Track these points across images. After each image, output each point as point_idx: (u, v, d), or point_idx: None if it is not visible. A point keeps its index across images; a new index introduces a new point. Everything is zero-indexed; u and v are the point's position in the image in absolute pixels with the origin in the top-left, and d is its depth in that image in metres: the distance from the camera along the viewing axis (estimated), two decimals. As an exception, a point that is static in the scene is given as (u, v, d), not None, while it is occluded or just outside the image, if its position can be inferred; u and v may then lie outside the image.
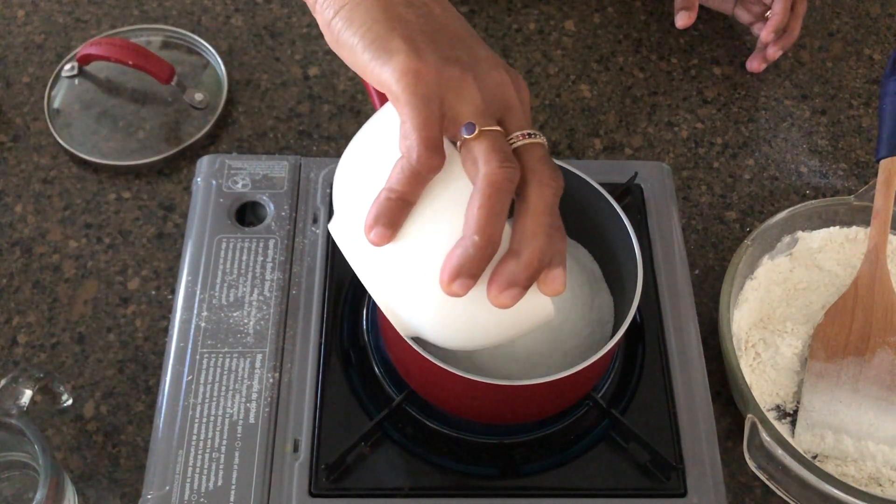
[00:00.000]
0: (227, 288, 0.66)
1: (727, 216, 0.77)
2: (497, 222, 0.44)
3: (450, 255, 0.44)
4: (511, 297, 0.44)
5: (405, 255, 0.45)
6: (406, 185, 0.44)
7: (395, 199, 0.44)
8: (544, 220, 0.45)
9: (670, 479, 0.60)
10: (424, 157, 0.44)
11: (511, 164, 0.44)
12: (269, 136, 0.79)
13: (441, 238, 0.44)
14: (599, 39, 0.88)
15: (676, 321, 0.66)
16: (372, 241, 0.45)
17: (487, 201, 0.43)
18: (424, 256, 0.45)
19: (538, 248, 0.44)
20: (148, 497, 0.57)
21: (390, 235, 0.44)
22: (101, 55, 0.78)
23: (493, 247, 0.44)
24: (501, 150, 0.44)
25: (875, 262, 0.69)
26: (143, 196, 0.75)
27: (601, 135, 0.81)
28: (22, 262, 0.71)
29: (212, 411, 0.60)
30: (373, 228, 0.44)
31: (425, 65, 0.45)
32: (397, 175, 0.44)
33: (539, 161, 0.46)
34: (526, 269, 0.44)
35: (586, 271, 0.65)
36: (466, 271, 0.43)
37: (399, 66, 0.45)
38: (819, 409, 0.65)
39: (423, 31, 0.46)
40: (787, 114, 0.84)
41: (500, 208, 0.44)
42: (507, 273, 0.44)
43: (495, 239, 0.44)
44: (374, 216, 0.44)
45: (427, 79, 0.44)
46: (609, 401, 0.63)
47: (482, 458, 0.61)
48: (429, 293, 0.45)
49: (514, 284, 0.44)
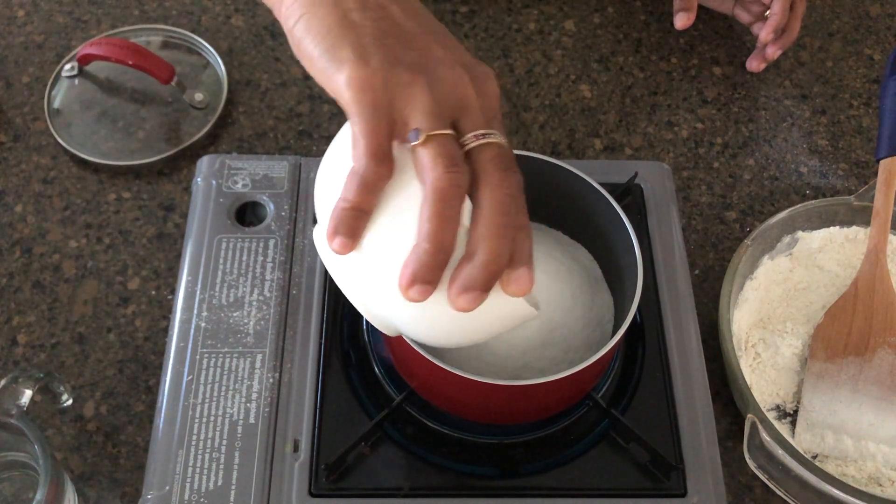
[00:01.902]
0: (227, 288, 0.66)
1: (727, 216, 0.77)
2: (446, 228, 0.43)
3: (405, 263, 0.44)
4: (469, 301, 0.44)
5: (373, 262, 0.46)
6: (357, 194, 0.44)
7: (350, 208, 0.44)
8: (497, 220, 0.44)
9: (670, 479, 0.60)
10: (370, 168, 0.44)
11: (456, 168, 0.44)
12: (269, 136, 0.79)
13: (402, 244, 0.44)
14: (599, 39, 0.88)
15: (676, 321, 0.66)
16: (335, 251, 0.45)
17: (433, 208, 0.43)
18: (389, 262, 0.45)
19: (491, 249, 0.44)
20: (148, 497, 0.57)
21: (351, 245, 0.45)
22: (101, 55, 0.78)
23: (445, 252, 0.44)
24: (447, 154, 0.44)
25: (875, 262, 0.69)
26: (143, 196, 0.75)
27: (601, 135, 0.81)
28: (22, 262, 0.71)
29: (212, 411, 0.60)
30: (333, 238, 0.44)
31: (372, 72, 0.44)
32: (349, 185, 0.44)
33: (490, 162, 0.45)
34: (481, 272, 0.44)
35: (586, 271, 0.65)
36: (421, 278, 0.43)
37: (347, 75, 0.45)
38: (819, 409, 0.65)
39: (374, 37, 0.46)
40: (787, 114, 0.84)
41: (448, 214, 0.43)
42: (463, 277, 0.44)
43: (446, 245, 0.44)
44: (333, 227, 0.45)
45: (374, 86, 0.44)
46: (609, 401, 0.63)
47: (482, 458, 0.61)
48: (398, 302, 0.46)
49: (470, 288, 0.44)
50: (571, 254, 0.66)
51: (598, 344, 0.62)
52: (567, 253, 0.66)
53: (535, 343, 0.60)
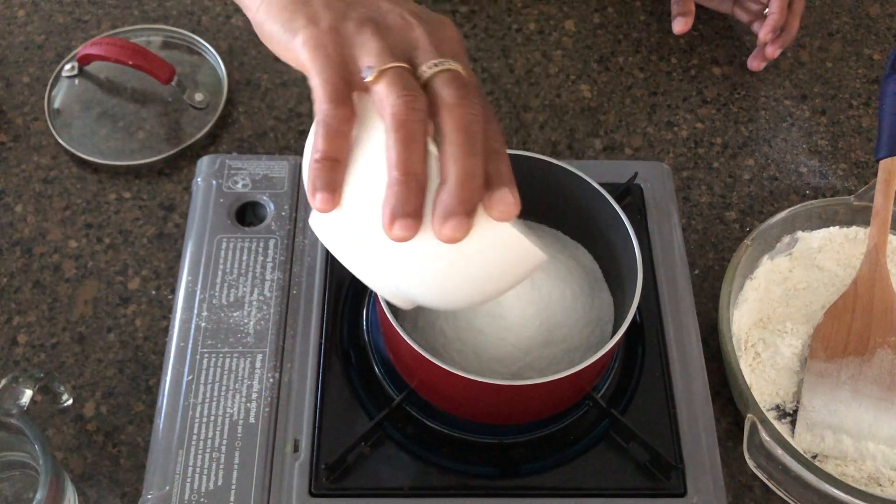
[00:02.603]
0: (228, 288, 0.66)
1: (727, 216, 0.77)
2: (412, 152, 0.43)
3: (384, 200, 0.43)
4: (454, 228, 0.43)
5: (358, 223, 0.45)
6: (326, 142, 0.44)
7: (322, 159, 0.44)
8: (461, 139, 0.44)
9: (670, 479, 0.60)
10: (330, 110, 0.45)
11: (411, 92, 0.44)
12: (269, 136, 0.79)
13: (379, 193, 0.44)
14: (599, 39, 0.88)
15: (676, 321, 0.66)
16: (318, 209, 0.45)
17: (396, 134, 0.43)
18: (374, 215, 0.44)
19: (459, 168, 0.43)
20: (148, 497, 0.57)
21: (332, 199, 0.44)
22: (101, 55, 0.78)
23: (417, 178, 0.43)
24: (400, 83, 0.44)
25: (875, 262, 0.69)
26: (143, 196, 0.75)
27: (601, 135, 0.81)
28: (22, 262, 0.71)
29: (212, 411, 0.60)
30: (314, 196, 0.44)
31: (321, 30, 0.47)
32: (316, 137, 0.45)
33: (445, 85, 0.45)
34: (456, 193, 0.43)
35: (586, 271, 0.65)
36: (400, 210, 0.43)
37: (301, 40, 0.47)
38: (819, 409, 0.65)
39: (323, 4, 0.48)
40: (787, 114, 0.84)
41: (411, 138, 0.43)
42: (441, 203, 0.43)
43: (416, 170, 0.43)
44: (311, 184, 0.44)
45: (324, 41, 0.46)
46: (609, 401, 0.63)
47: (482, 458, 0.61)
48: (395, 256, 0.45)
49: (451, 213, 0.43)
50: (571, 254, 0.66)
51: (598, 344, 0.62)
52: (567, 253, 0.66)
53: (535, 343, 0.60)
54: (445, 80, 0.45)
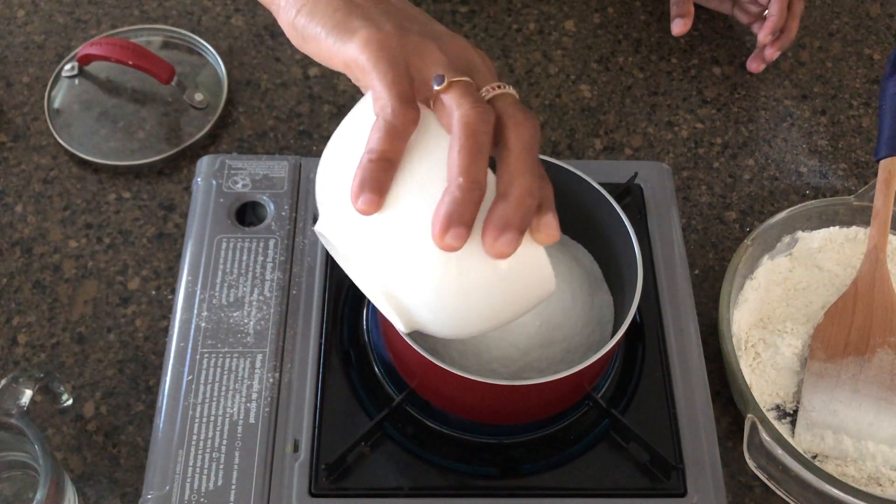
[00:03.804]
0: (227, 288, 0.66)
1: (727, 216, 0.77)
2: (478, 162, 0.43)
3: (438, 206, 0.43)
4: (507, 244, 0.43)
5: (396, 230, 0.44)
6: (385, 142, 0.44)
7: (377, 159, 0.43)
8: (526, 157, 0.44)
9: (670, 479, 0.60)
10: (399, 110, 0.44)
11: (483, 105, 0.44)
12: (269, 136, 0.79)
13: (429, 202, 0.43)
14: (599, 39, 0.88)
15: (676, 321, 0.66)
16: (360, 210, 0.43)
17: (466, 142, 0.43)
18: (416, 224, 0.43)
19: (525, 185, 0.43)
20: (148, 497, 0.57)
21: (378, 202, 0.43)
22: (101, 55, 0.78)
23: (479, 188, 0.43)
24: (472, 94, 0.45)
25: (875, 262, 0.69)
26: (143, 196, 0.75)
27: (601, 135, 0.81)
28: (22, 262, 0.71)
29: (212, 411, 0.60)
30: (359, 196, 0.43)
31: (386, 34, 0.47)
32: (375, 135, 0.44)
33: (511, 105, 0.46)
34: (517, 209, 0.43)
35: (586, 271, 0.65)
36: (458, 218, 0.42)
37: (361, 38, 0.46)
38: (819, 409, 0.65)
39: (381, 11, 0.48)
40: (787, 114, 0.84)
41: (479, 148, 0.43)
42: (498, 216, 0.43)
43: (480, 179, 0.43)
44: (359, 182, 0.43)
45: (389, 44, 0.46)
46: (609, 401, 0.63)
47: (482, 458, 0.61)
48: (426, 269, 0.44)
49: (507, 227, 0.42)
50: (571, 254, 0.66)
51: (598, 344, 0.62)
52: (567, 253, 0.66)
53: (535, 343, 0.60)
54: (511, 102, 0.46)
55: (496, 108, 0.46)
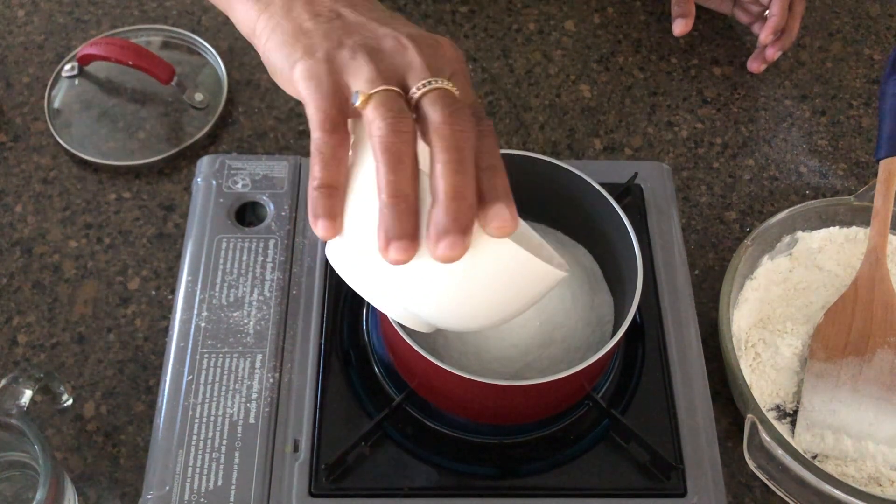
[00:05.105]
0: (227, 288, 0.66)
1: (727, 216, 0.77)
2: (398, 174, 0.43)
3: (378, 226, 0.43)
4: (448, 247, 0.42)
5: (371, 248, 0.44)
6: (322, 171, 0.45)
7: (319, 186, 0.45)
8: (448, 157, 0.43)
9: (670, 479, 0.60)
10: (322, 137, 0.45)
11: (397, 114, 0.44)
12: (269, 136, 0.79)
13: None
14: (599, 39, 0.88)
15: (676, 321, 0.66)
16: (321, 236, 0.45)
17: (382, 157, 0.43)
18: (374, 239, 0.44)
19: (448, 186, 0.43)
20: (148, 497, 0.57)
21: (333, 226, 0.45)
22: (101, 55, 0.78)
23: (406, 200, 0.43)
24: (386, 105, 0.45)
25: (875, 262, 0.69)
26: (143, 196, 0.75)
27: (601, 135, 0.81)
28: (22, 262, 0.71)
29: (212, 411, 0.60)
30: (316, 224, 0.45)
31: (316, 60, 0.47)
32: (312, 165, 0.45)
33: (434, 104, 0.45)
34: (448, 211, 0.42)
35: (586, 271, 0.65)
36: (393, 233, 0.42)
37: (298, 71, 0.47)
38: (819, 409, 0.65)
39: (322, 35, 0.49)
40: (787, 114, 0.84)
41: (397, 160, 0.43)
42: (433, 223, 0.43)
43: (404, 191, 0.43)
44: (312, 212, 0.45)
45: (318, 71, 0.47)
46: (609, 401, 0.63)
47: (482, 458, 0.61)
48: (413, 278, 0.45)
49: (443, 232, 0.42)
50: (571, 254, 0.66)
51: (598, 344, 0.62)
52: (567, 253, 0.66)
53: (535, 343, 0.60)
54: (432, 100, 0.45)
55: (423, 110, 0.45)
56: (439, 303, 0.46)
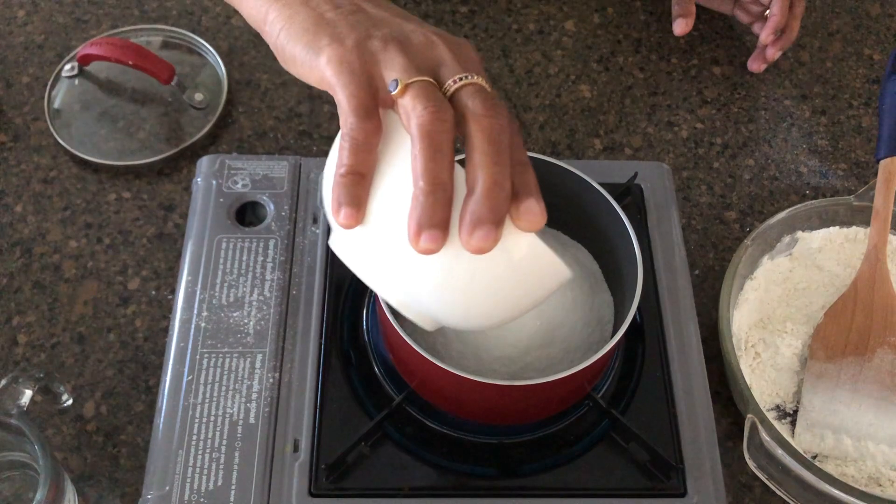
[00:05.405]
0: (227, 288, 0.66)
1: (727, 216, 0.77)
2: (438, 162, 0.43)
3: (409, 212, 0.43)
4: (482, 238, 0.42)
5: (385, 234, 0.44)
6: (351, 157, 0.44)
7: (347, 174, 0.44)
8: (489, 149, 0.44)
9: (670, 479, 0.60)
10: (356, 124, 0.45)
11: (437, 104, 0.44)
12: (269, 136, 0.79)
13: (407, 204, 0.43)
14: (599, 39, 0.88)
15: (676, 321, 0.66)
16: (342, 225, 0.45)
17: (422, 144, 0.43)
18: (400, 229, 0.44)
19: (488, 176, 0.43)
20: (148, 497, 0.57)
21: (357, 215, 0.44)
22: (101, 55, 0.78)
23: (443, 188, 0.43)
24: (426, 95, 0.45)
25: (875, 262, 0.69)
26: (143, 196, 0.75)
27: (601, 135, 0.81)
28: (22, 262, 0.71)
29: (212, 411, 0.60)
30: (339, 212, 0.44)
31: (347, 49, 0.47)
32: (342, 151, 0.45)
33: (471, 97, 0.46)
34: (485, 201, 0.42)
35: (586, 271, 0.65)
36: (426, 221, 0.42)
37: (325, 56, 0.47)
38: (819, 409, 0.65)
39: (348, 25, 0.49)
40: (787, 114, 0.84)
41: (437, 148, 0.43)
42: (469, 212, 0.43)
43: (442, 179, 0.43)
44: (336, 199, 0.44)
45: (350, 59, 0.47)
46: (609, 401, 0.63)
47: (482, 458, 0.61)
48: (431, 270, 0.44)
49: (480, 222, 0.42)
50: (571, 254, 0.66)
51: (598, 344, 0.62)
52: (567, 253, 0.66)
53: (535, 343, 0.60)
54: (472, 93, 0.46)
55: (459, 102, 0.46)
56: (451, 295, 0.46)
